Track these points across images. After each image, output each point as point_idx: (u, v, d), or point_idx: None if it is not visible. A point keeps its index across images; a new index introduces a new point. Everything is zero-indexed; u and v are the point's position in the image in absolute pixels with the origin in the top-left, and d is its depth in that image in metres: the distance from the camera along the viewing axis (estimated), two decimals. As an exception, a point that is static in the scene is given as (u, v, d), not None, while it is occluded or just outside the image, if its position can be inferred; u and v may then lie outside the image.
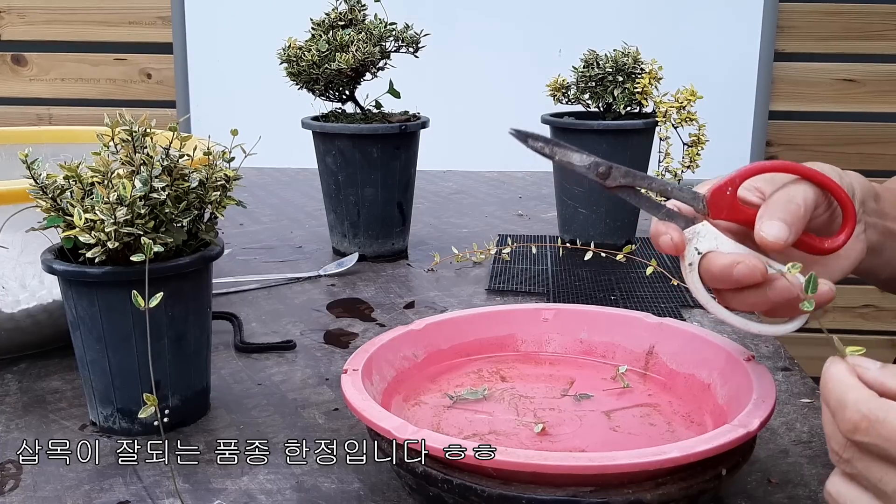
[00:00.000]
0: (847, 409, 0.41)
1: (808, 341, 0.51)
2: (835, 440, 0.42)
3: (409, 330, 0.69)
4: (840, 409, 0.41)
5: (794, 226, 0.52)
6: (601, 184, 0.55)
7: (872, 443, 0.40)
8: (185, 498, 0.57)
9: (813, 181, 0.55)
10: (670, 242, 0.55)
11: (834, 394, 0.42)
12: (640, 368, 0.69)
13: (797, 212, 0.53)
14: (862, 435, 0.40)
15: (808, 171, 0.55)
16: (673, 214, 0.55)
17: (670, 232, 0.55)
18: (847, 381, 0.42)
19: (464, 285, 1.03)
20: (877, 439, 0.40)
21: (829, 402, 0.42)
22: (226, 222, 1.30)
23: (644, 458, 0.48)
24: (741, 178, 0.56)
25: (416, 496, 0.55)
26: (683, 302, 0.95)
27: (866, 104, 2.12)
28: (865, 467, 0.41)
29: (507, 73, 2.11)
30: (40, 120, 2.31)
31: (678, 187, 0.55)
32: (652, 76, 1.12)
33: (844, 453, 0.42)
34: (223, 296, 0.99)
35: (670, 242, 0.55)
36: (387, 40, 1.10)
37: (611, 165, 0.55)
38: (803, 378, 0.76)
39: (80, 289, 0.63)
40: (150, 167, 0.61)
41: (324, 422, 0.68)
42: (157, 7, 2.22)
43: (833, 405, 0.42)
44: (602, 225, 1.15)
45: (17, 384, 0.75)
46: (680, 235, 0.55)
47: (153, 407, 0.53)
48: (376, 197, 1.10)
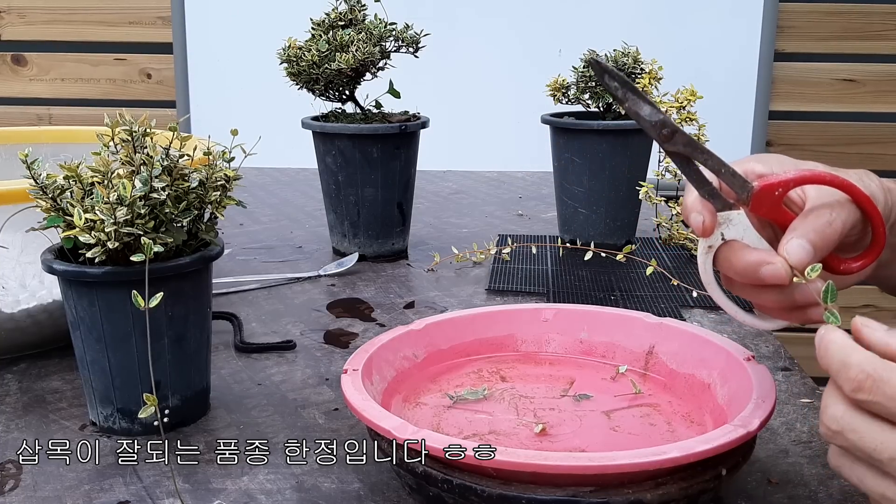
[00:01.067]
0: (851, 369, 0.41)
1: (808, 341, 0.51)
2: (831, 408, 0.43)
3: (409, 330, 0.69)
4: (843, 370, 0.42)
5: (821, 250, 0.51)
6: (661, 143, 0.54)
7: (875, 401, 0.41)
8: (185, 498, 0.57)
9: (860, 205, 0.53)
10: (700, 225, 0.54)
11: (836, 356, 0.42)
12: (640, 368, 0.69)
13: (831, 237, 0.52)
14: (866, 393, 0.41)
15: (860, 195, 0.53)
16: (715, 194, 0.54)
17: (705, 214, 0.54)
18: (849, 343, 0.42)
19: (464, 285, 1.03)
20: (880, 398, 0.40)
21: (831, 364, 0.43)
22: (226, 222, 1.30)
23: (644, 458, 0.48)
24: (796, 184, 0.54)
25: (416, 496, 0.55)
26: (683, 302, 0.95)
27: (866, 104, 2.12)
28: (859, 438, 0.41)
29: (507, 73, 2.11)
30: (40, 120, 2.31)
31: (731, 171, 0.53)
32: (652, 76, 1.12)
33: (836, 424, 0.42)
34: (223, 296, 0.99)
35: (700, 225, 0.54)
36: (387, 40, 1.10)
37: (676, 129, 0.53)
38: (803, 378, 0.76)
39: (80, 289, 0.63)
40: (150, 167, 0.61)
41: (324, 422, 0.68)
42: (157, 7, 2.22)
43: (836, 367, 0.42)
44: (602, 225, 1.15)
45: (17, 384, 0.75)
46: (713, 220, 0.54)
47: (153, 407, 0.53)
48: (376, 197, 1.10)
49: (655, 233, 1.24)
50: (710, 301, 0.94)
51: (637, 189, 1.10)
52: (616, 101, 0.54)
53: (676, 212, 1.15)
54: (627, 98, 0.53)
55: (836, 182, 0.53)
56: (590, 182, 1.13)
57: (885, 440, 0.41)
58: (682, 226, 1.16)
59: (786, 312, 0.55)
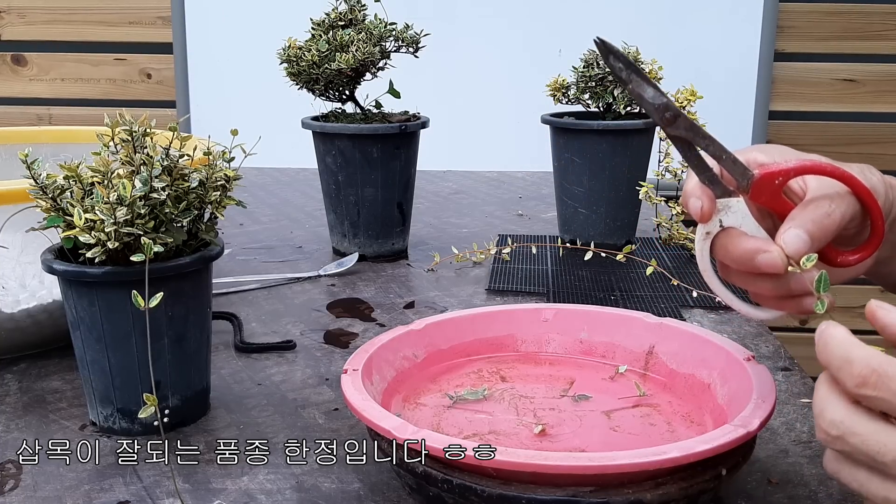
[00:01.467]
0: (855, 364, 0.40)
1: (808, 341, 0.51)
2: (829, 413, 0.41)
3: (409, 330, 0.69)
4: (846, 365, 0.41)
5: (819, 241, 0.51)
6: (663, 127, 0.54)
7: (880, 397, 0.40)
8: (185, 498, 0.57)
9: (859, 197, 0.53)
10: (698, 210, 0.54)
11: (838, 352, 0.41)
12: (640, 368, 0.69)
13: (829, 228, 0.51)
14: (871, 389, 0.40)
15: (860, 186, 0.53)
16: (715, 180, 0.54)
17: (703, 199, 0.53)
18: (851, 339, 0.41)
19: (464, 285, 1.03)
20: (886, 393, 0.39)
21: (832, 361, 0.42)
22: (226, 222, 1.30)
23: (644, 458, 0.48)
24: (796, 173, 0.54)
25: (416, 496, 0.55)
26: (683, 302, 0.95)
27: (866, 104, 2.12)
28: (861, 441, 0.40)
29: (507, 73, 2.11)
30: (40, 120, 2.31)
31: (732, 158, 0.53)
32: (652, 76, 1.12)
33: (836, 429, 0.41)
34: (223, 296, 0.99)
35: (698, 210, 0.54)
36: (387, 40, 1.10)
37: (679, 113, 0.53)
38: (803, 378, 0.76)
39: (80, 289, 0.63)
40: (150, 167, 0.61)
41: (324, 422, 0.68)
42: (157, 7, 2.22)
43: (837, 363, 0.41)
44: (602, 225, 1.15)
45: (17, 384, 0.75)
46: (711, 206, 0.54)
47: (153, 407, 0.53)
48: (376, 197, 1.10)
49: (655, 233, 1.24)
50: (710, 301, 0.94)
51: (637, 189, 1.10)
52: (620, 82, 0.54)
53: (676, 212, 1.15)
54: (631, 80, 0.52)
55: (836, 173, 0.53)
56: (590, 182, 1.13)
57: (889, 442, 0.40)
58: (682, 226, 1.16)
59: (780, 301, 0.55)
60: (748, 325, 0.88)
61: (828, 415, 0.42)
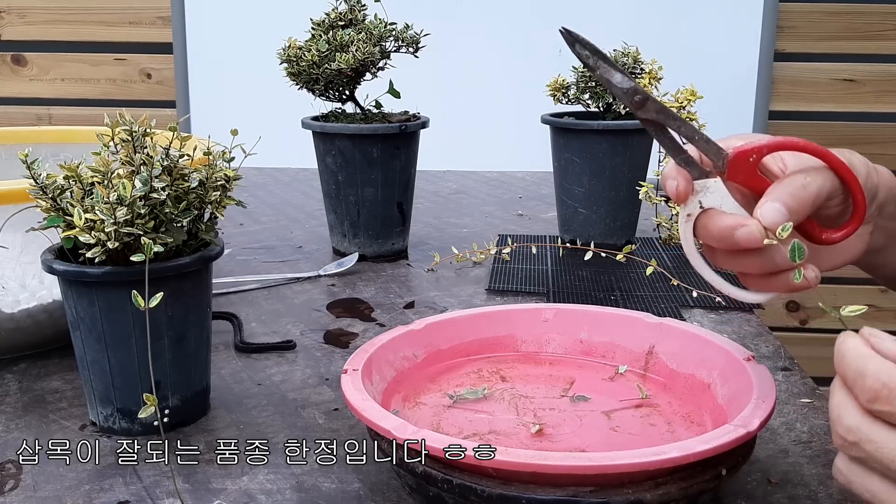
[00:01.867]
0: (867, 378, 0.41)
1: (808, 341, 0.51)
2: (846, 419, 0.42)
3: (409, 330, 0.69)
4: (860, 379, 0.41)
5: (797, 213, 0.52)
6: (633, 111, 0.54)
7: (892, 411, 0.40)
8: (185, 498, 0.57)
9: (837, 172, 0.54)
10: (675, 190, 0.54)
11: (853, 364, 0.42)
12: (640, 368, 0.69)
13: (806, 200, 0.52)
14: (882, 403, 0.40)
15: (836, 161, 0.54)
16: (690, 162, 0.55)
17: (679, 180, 0.54)
18: (865, 352, 0.42)
19: (464, 285, 1.03)
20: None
21: (847, 373, 0.42)
22: (226, 222, 1.30)
23: (644, 458, 0.48)
24: (769, 150, 0.54)
25: (416, 496, 0.55)
26: (683, 302, 0.95)
27: (866, 104, 2.12)
28: (876, 448, 0.40)
29: (507, 73, 2.11)
30: (40, 120, 2.31)
31: (705, 138, 0.54)
32: (652, 76, 1.12)
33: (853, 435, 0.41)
34: (223, 296, 0.99)
35: (675, 190, 0.54)
36: (387, 40, 1.10)
37: (648, 97, 0.54)
38: (803, 378, 0.76)
39: (80, 289, 0.63)
40: (150, 167, 0.61)
41: (324, 422, 0.68)
42: (157, 7, 2.22)
43: (852, 375, 0.42)
44: (602, 225, 1.15)
45: (17, 384, 0.75)
46: (687, 186, 0.54)
47: (153, 407, 0.53)
48: (376, 197, 1.10)
49: (655, 233, 1.24)
50: (710, 301, 0.94)
51: (637, 189, 1.10)
52: (587, 69, 0.55)
53: (676, 212, 1.15)
54: (599, 66, 0.54)
55: (809, 148, 0.54)
56: (590, 182, 1.13)
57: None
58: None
59: (769, 280, 0.55)
60: (748, 325, 0.88)
61: (845, 421, 0.42)
